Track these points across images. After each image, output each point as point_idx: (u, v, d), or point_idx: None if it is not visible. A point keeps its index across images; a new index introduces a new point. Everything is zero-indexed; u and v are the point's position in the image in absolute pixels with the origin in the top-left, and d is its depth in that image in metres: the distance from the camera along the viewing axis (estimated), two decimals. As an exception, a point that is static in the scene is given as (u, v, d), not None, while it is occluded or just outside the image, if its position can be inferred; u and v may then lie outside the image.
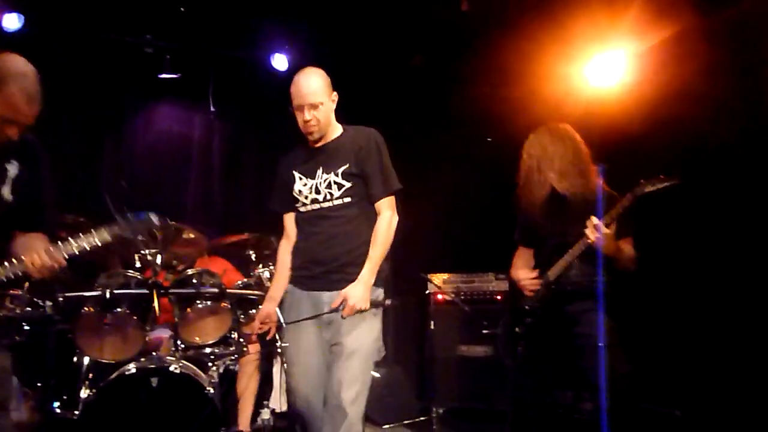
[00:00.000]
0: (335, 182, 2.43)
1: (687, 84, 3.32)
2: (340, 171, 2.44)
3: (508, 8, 4.15)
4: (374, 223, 2.45)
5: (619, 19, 3.59)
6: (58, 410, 3.01)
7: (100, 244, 1.96)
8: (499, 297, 4.44)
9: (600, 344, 2.44)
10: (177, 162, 4.84)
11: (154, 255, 3.03)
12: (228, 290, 3.10)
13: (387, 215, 2.46)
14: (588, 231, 2.45)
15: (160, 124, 4.82)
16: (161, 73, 4.47)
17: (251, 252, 3.38)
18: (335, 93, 2.49)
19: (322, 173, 2.45)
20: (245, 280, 3.33)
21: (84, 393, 3.00)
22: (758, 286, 3.03)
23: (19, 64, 1.83)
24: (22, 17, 4.01)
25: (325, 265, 2.41)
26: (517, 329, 2.74)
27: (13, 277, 1.85)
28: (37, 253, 1.83)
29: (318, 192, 2.44)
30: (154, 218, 2.13)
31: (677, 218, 3.41)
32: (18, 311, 2.88)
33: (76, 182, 4.18)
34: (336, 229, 2.41)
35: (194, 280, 3.12)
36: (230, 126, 4.97)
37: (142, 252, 3.01)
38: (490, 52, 4.46)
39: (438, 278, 4.51)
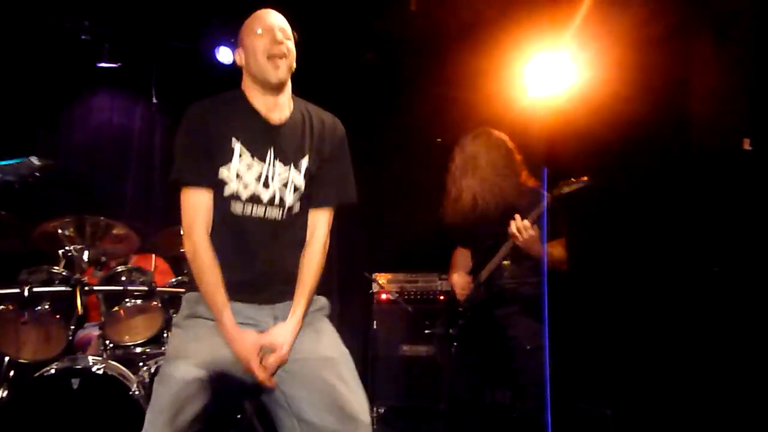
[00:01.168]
0: (294, 184, 1.80)
1: (627, 87, 3.39)
2: (302, 165, 1.82)
3: (458, 9, 4.17)
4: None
5: (561, 22, 3.64)
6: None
7: None
8: (442, 297, 4.46)
9: (529, 347, 2.49)
10: (116, 155, 4.68)
11: (80, 251, 2.91)
12: (159, 288, 3.00)
13: (323, 233, 1.88)
14: (511, 231, 2.48)
15: (98, 116, 4.64)
16: (99, 62, 4.31)
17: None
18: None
19: (275, 159, 1.78)
20: (179, 278, 3.23)
21: (1, 393, 2.86)
22: (688, 285, 3.11)
23: None
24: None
25: (259, 281, 1.80)
26: (450, 330, 2.76)
27: None
28: None
29: (267, 186, 1.76)
30: (35, 160, 2.07)
31: (610, 220, 3.49)
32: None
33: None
34: (279, 249, 1.80)
35: (123, 278, 3.02)
36: (172, 119, 4.83)
37: (67, 248, 2.88)
38: (440, 52, 4.48)
39: (382, 277, 4.50)
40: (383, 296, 4.45)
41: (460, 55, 4.34)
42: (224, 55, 4.51)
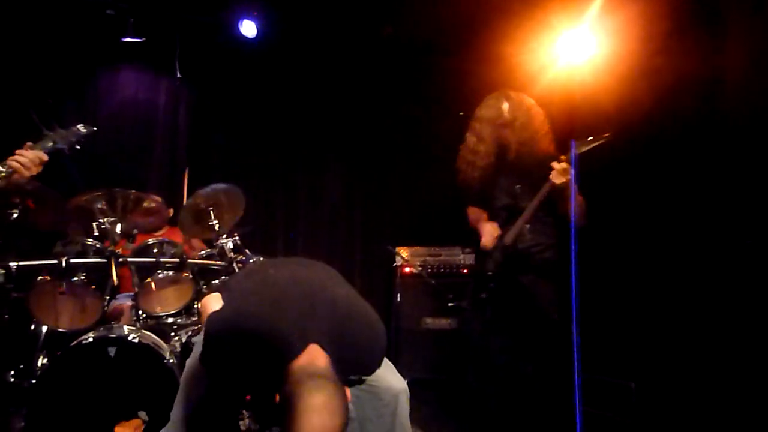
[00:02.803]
0: None
1: (653, 60, 3.33)
2: None
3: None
4: None
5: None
6: (12, 379, 2.96)
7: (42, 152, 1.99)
8: (465, 270, 4.48)
9: (556, 317, 2.49)
10: (141, 129, 4.73)
11: (113, 224, 2.97)
12: (189, 260, 3.06)
13: None
14: (554, 174, 2.46)
15: (123, 90, 4.68)
16: (124, 37, 4.34)
17: (215, 222, 3.32)
18: None
19: None
20: (208, 250, 3.29)
21: (40, 362, 2.95)
22: (714, 258, 3.09)
23: None
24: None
25: None
26: (482, 295, 2.75)
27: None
28: (18, 153, 1.86)
29: None
30: (82, 128, 2.15)
31: (635, 190, 3.46)
32: (-30, 279, 2.80)
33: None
34: None
35: (155, 250, 3.08)
36: (196, 93, 4.86)
37: (100, 220, 2.94)
38: (461, 25, 4.43)
39: (405, 251, 4.53)
40: (406, 269, 4.49)
41: (482, 27, 4.29)
42: (247, 28, 4.50)
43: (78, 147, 2.08)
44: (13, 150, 2.01)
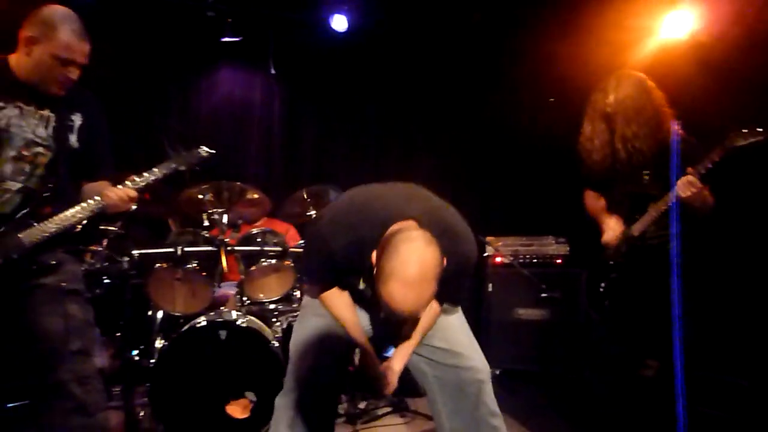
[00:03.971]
0: None
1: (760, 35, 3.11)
2: None
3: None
4: None
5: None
6: (136, 358, 3.21)
7: (160, 177, 2.14)
8: (558, 261, 4.39)
9: (676, 312, 2.37)
10: (238, 124, 4.95)
11: (220, 214, 3.14)
12: (291, 249, 3.19)
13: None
14: (681, 185, 2.33)
15: (222, 88, 4.92)
16: (223, 37, 4.55)
17: (313, 212, 3.44)
18: None
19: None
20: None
21: (158, 343, 3.18)
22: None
23: (61, 10, 1.96)
24: (93, -16, 4.14)
25: None
26: (602, 285, 2.67)
27: (95, 212, 1.99)
28: (112, 189, 1.99)
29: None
30: (203, 151, 2.26)
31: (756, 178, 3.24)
32: (97, 266, 3.06)
33: (143, 142, 4.35)
34: None
35: (258, 239, 3.23)
36: (290, 87, 5.02)
37: (210, 211, 3.12)
38: (551, 9, 4.32)
39: (496, 241, 4.49)
40: (497, 259, 4.45)
41: (570, 11, 4.16)
42: (338, 23, 4.59)
43: (197, 169, 2.24)
44: (136, 165, 2.18)
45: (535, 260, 4.42)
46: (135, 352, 3.22)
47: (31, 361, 1.91)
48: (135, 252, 2.94)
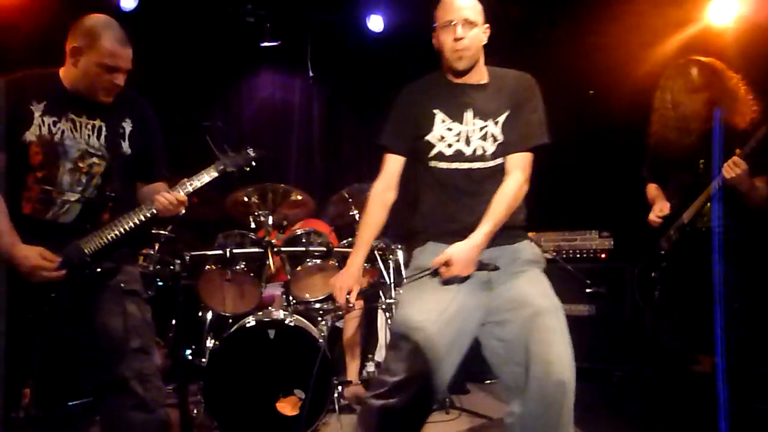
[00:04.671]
0: (492, 135, 1.95)
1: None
2: (500, 119, 1.96)
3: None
4: None
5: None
6: (189, 357, 3.30)
7: (210, 180, 2.15)
8: (603, 255, 4.32)
9: (737, 305, 2.30)
10: (280, 127, 5.04)
11: (266, 216, 3.21)
12: (335, 248, 3.23)
13: (517, 174, 1.95)
14: (726, 167, 2.29)
15: (263, 91, 5.02)
16: (263, 42, 4.64)
17: (355, 212, 3.49)
18: (487, 26, 2.02)
19: (474, 118, 1.96)
20: (351, 239, 3.46)
21: (209, 343, 3.27)
22: None
23: (102, 19, 2.00)
24: (137, -3, 4.30)
25: (470, 229, 1.88)
26: (653, 274, 2.63)
27: (148, 217, 2.04)
28: (163, 194, 2.03)
29: (468, 143, 1.96)
30: (252, 152, 2.27)
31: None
32: (150, 268, 3.17)
33: (186, 144, 4.47)
34: (486, 198, 1.91)
35: (303, 240, 3.29)
36: (328, 89, 5.08)
37: (256, 213, 3.19)
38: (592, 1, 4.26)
39: (539, 237, 4.45)
40: (540, 255, 4.40)
41: (609, 3, 4.10)
42: (374, 23, 4.63)
43: (247, 169, 2.26)
44: (184, 168, 2.23)
45: (579, 255, 4.36)
46: (188, 352, 3.32)
47: (94, 359, 1.98)
48: (186, 254, 3.02)
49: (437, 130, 1.98)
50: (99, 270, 1.98)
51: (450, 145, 1.96)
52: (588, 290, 4.13)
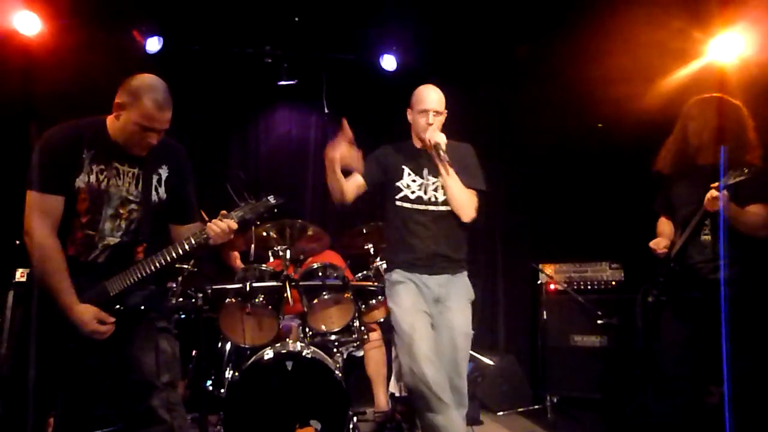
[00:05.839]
0: (441, 187, 2.71)
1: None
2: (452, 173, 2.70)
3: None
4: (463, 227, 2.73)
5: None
6: (210, 388, 3.39)
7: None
8: (614, 283, 4.38)
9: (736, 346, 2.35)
10: (296, 163, 5.19)
11: (284, 250, 3.33)
12: (351, 282, 3.34)
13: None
14: (707, 198, 2.37)
15: (280, 128, 5.19)
16: (280, 81, 4.83)
17: (370, 245, 3.60)
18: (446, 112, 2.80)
19: (429, 175, 2.74)
20: (365, 272, 3.56)
21: (228, 374, 3.36)
22: None
23: (148, 79, 2.12)
24: (161, 39, 4.51)
25: (431, 258, 2.65)
26: (649, 298, 2.70)
27: (200, 244, 2.16)
28: (215, 222, 2.15)
29: (425, 192, 2.72)
30: (272, 199, 2.34)
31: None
32: (173, 301, 3.28)
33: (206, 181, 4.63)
34: (439, 230, 2.67)
35: (320, 273, 3.39)
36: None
37: (276, 248, 3.31)
38: (597, 34, 4.38)
39: (549, 268, 4.52)
40: (551, 286, 4.48)
41: (616, 36, 4.22)
42: (388, 62, 4.80)
43: (266, 216, 2.36)
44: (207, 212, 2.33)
45: (590, 286, 4.42)
46: (209, 383, 3.41)
47: (123, 389, 2.08)
48: (208, 288, 3.14)
49: (405, 180, 2.74)
50: (122, 309, 2.09)
51: (413, 192, 2.72)
52: (599, 321, 4.19)
